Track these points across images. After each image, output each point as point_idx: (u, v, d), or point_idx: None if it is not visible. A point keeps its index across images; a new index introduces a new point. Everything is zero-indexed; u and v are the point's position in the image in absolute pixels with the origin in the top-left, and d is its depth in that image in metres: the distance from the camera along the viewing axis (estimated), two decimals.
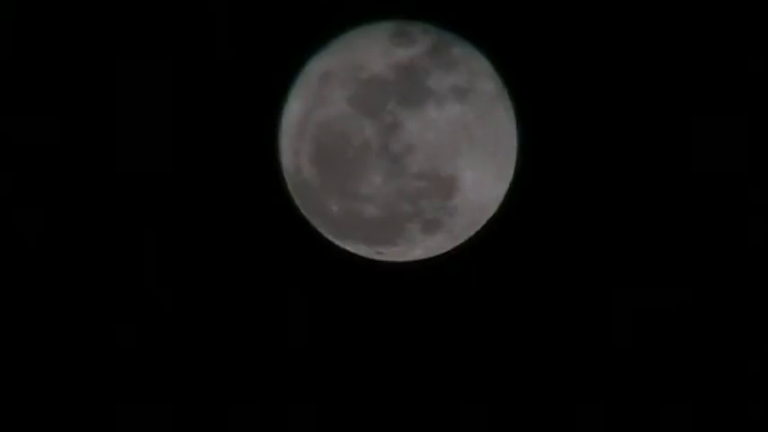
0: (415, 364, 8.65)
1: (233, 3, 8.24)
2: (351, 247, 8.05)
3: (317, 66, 7.78)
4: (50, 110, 8.29)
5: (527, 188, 8.14)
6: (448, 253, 8.17)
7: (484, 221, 8.09)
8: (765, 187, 8.36)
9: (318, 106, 7.59)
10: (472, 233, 8.12)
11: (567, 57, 8.19)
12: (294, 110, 7.79)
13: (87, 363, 8.57)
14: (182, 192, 8.41)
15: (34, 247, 8.42)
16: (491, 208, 8.05)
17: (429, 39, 7.65)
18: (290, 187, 8.02)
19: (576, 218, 8.45)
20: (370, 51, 7.56)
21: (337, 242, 8.08)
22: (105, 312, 8.54)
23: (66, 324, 8.52)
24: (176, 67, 8.28)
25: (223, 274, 8.53)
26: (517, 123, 7.89)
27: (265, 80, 8.13)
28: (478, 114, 7.58)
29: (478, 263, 8.45)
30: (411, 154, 7.40)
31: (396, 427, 8.67)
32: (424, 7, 7.88)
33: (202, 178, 8.39)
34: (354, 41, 7.73)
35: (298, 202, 8.05)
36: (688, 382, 8.57)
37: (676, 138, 8.35)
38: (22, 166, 8.34)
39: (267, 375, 8.68)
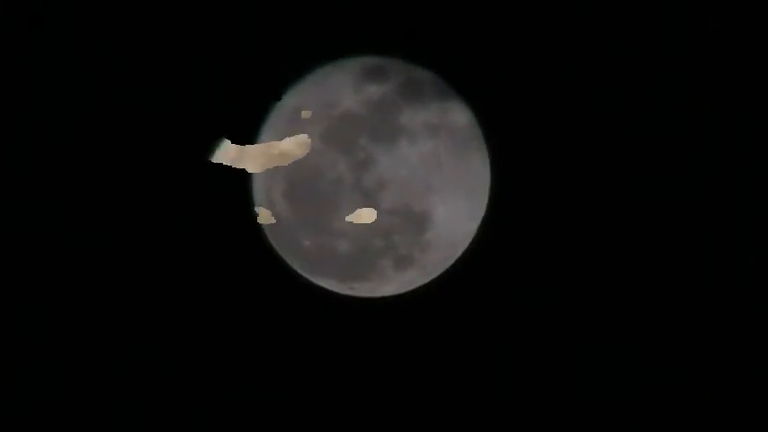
0: (388, 401, 8.62)
1: (207, 40, 8.25)
2: (323, 282, 8.04)
3: (290, 101, 7.80)
4: (41, 120, 8.27)
5: (499, 224, 8.16)
6: (420, 288, 8.18)
7: (456, 257, 8.10)
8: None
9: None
10: (444, 269, 8.12)
11: (540, 94, 8.22)
12: None
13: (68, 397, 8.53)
14: (153, 229, 8.38)
15: (25, 262, 8.38)
16: (463, 244, 8.06)
17: (401, 75, 7.68)
18: (262, 222, 8.02)
19: (547, 254, 8.46)
20: (342, 87, 7.59)
21: (310, 277, 8.07)
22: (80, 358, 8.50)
23: (51, 353, 8.48)
24: (149, 105, 8.27)
25: (194, 310, 8.49)
26: (489, 159, 7.92)
27: (238, 116, 8.13)
28: (451, 150, 7.61)
29: (450, 299, 8.45)
30: (384, 190, 7.42)
31: None
32: (397, 43, 7.91)
33: (173, 214, 8.36)
34: (326, 77, 7.75)
35: (270, 237, 8.04)
36: (693, 396, 8.56)
37: (650, 172, 8.39)
38: (22, 167, 8.31)
39: (238, 411, 8.63)
